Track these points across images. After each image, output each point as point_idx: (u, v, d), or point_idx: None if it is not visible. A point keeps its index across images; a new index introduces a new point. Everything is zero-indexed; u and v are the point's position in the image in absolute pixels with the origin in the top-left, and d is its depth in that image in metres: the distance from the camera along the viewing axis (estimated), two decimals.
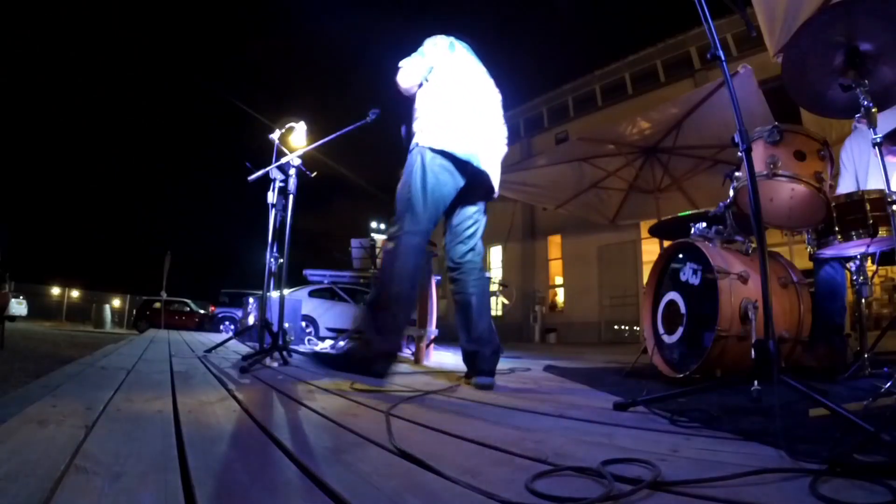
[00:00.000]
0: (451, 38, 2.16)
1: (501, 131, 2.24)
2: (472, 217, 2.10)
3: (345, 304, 8.20)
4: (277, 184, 3.02)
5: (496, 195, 2.13)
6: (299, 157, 2.89)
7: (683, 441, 0.96)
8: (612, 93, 11.84)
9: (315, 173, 3.03)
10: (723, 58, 1.36)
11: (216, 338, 5.76)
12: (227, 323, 12.40)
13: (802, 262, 2.28)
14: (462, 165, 1.96)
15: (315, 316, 8.53)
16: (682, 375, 1.95)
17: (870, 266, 2.07)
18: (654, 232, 3.09)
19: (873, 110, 1.57)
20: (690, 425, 1.09)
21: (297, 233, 3.03)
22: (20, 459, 0.73)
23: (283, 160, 2.91)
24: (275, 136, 3.17)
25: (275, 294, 3.37)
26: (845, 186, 2.41)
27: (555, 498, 0.63)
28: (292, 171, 2.87)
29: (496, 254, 14.23)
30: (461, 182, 1.98)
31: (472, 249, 2.08)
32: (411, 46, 2.09)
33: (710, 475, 0.69)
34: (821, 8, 2.31)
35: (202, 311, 16.00)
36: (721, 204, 2.12)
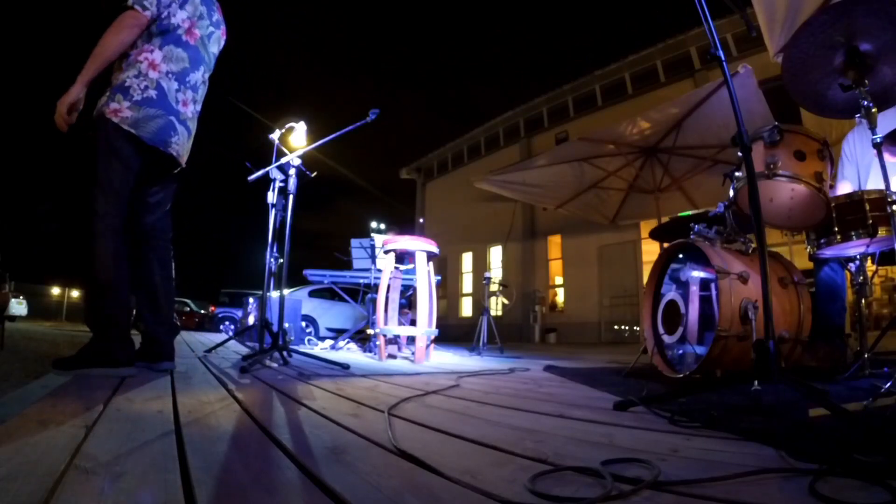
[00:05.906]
0: None
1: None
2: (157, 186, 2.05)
3: (345, 304, 8.18)
4: (277, 184, 3.03)
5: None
6: (299, 157, 2.90)
7: (683, 441, 0.96)
8: (612, 93, 11.82)
9: (315, 173, 3.03)
10: (723, 57, 1.37)
11: (216, 338, 5.77)
12: (227, 323, 12.41)
13: (802, 262, 2.28)
14: (150, 151, 1.87)
15: (315, 316, 8.55)
16: (682, 375, 1.95)
17: (870, 266, 2.07)
18: (654, 235, 3.09)
19: (873, 110, 1.58)
20: (690, 425, 1.08)
21: (298, 233, 3.03)
22: (20, 459, 0.73)
23: (283, 160, 2.91)
24: (275, 136, 3.18)
25: (275, 294, 3.37)
26: (848, 177, 2.40)
27: (555, 498, 0.63)
28: (292, 171, 2.87)
29: (496, 254, 14.22)
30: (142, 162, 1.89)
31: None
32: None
33: (710, 475, 0.69)
34: (821, 8, 2.31)
35: (202, 311, 16.01)
36: (721, 204, 2.13)
